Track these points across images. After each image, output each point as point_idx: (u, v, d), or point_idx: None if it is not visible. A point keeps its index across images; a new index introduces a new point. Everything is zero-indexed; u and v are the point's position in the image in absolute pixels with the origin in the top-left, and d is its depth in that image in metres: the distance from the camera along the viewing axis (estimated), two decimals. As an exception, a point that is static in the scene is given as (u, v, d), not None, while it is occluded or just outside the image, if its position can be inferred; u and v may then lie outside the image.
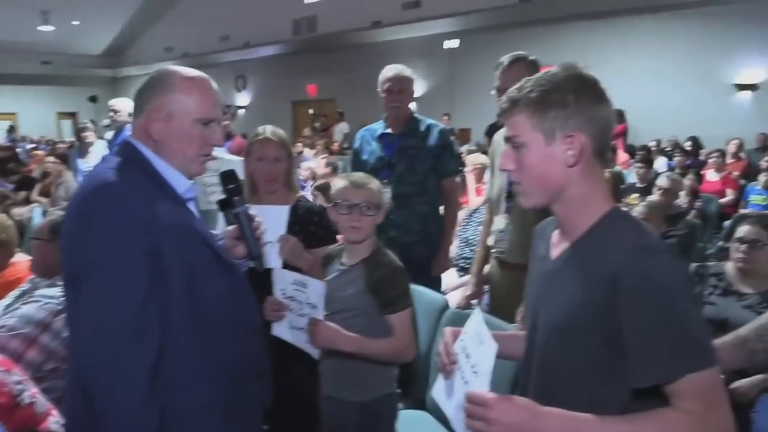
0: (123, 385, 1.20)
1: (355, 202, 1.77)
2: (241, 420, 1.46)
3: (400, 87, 2.95)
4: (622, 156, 8.34)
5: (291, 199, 2.19)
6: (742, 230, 2.56)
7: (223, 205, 1.58)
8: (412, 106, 3.09)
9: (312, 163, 6.97)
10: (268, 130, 2.19)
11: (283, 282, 1.80)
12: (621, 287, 1.00)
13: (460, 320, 2.44)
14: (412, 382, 2.58)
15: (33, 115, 19.80)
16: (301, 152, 10.04)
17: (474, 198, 5.11)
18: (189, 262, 1.33)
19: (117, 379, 1.20)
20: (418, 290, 2.79)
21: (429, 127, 3.02)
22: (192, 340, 1.34)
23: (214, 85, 1.47)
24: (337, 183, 1.85)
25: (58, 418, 1.64)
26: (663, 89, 9.82)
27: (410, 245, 1.90)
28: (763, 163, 6.45)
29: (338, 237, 2.03)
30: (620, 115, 9.56)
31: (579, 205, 1.11)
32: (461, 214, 4.24)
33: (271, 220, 1.96)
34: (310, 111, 16.09)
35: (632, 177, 6.00)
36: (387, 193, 1.88)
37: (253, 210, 1.70)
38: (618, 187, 5.60)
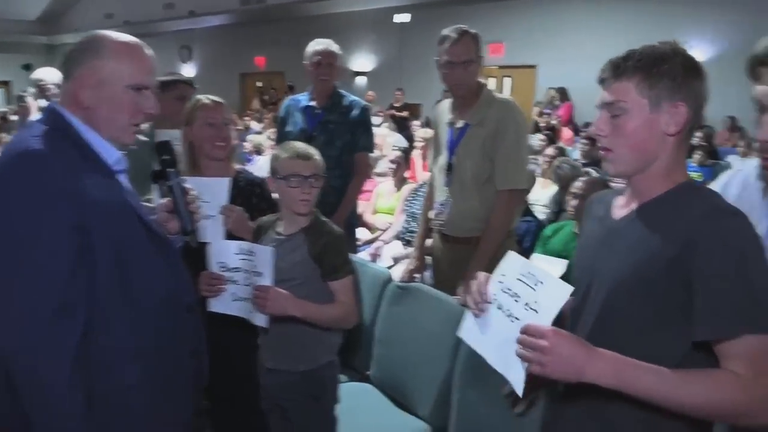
0: (47, 363, 1.17)
1: (305, 175, 1.77)
2: (176, 398, 1.44)
3: (329, 61, 3.06)
4: (566, 133, 8.54)
5: (232, 171, 2.15)
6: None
7: (157, 176, 1.54)
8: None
9: (259, 137, 6.84)
10: (209, 96, 2.15)
11: (224, 254, 1.77)
12: (697, 244, 1.02)
13: (402, 294, 2.48)
14: (356, 354, 2.61)
15: (-38, 83, 18.68)
16: (248, 126, 9.86)
17: (421, 173, 5.14)
18: (118, 238, 1.29)
19: (41, 358, 1.16)
20: (363, 264, 2.81)
21: (351, 103, 3.15)
22: (122, 317, 1.30)
23: (149, 50, 1.41)
24: (281, 154, 1.82)
25: None
26: (607, 68, 9.98)
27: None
28: (696, 141, 6.70)
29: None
30: (563, 93, 9.77)
31: (661, 174, 1.15)
32: (407, 189, 4.27)
33: (212, 192, 1.93)
34: (259, 84, 15.78)
35: (576, 154, 6.15)
36: None
37: (192, 183, 1.66)
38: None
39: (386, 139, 6.64)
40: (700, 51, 9.48)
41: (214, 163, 2.11)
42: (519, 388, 1.10)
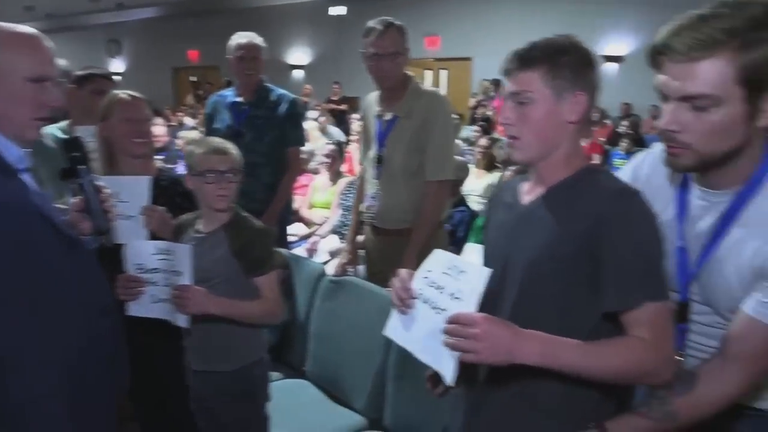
0: None
1: (222, 170, 1.74)
2: (94, 406, 1.39)
3: (253, 54, 3.01)
4: (502, 124, 8.70)
5: (153, 170, 2.08)
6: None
7: (66, 175, 1.47)
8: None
9: (192, 133, 6.66)
10: (127, 91, 2.09)
11: (141, 255, 1.71)
12: (603, 222, 1.11)
13: (336, 288, 2.47)
14: (291, 350, 2.59)
15: None
16: (181, 122, 9.61)
17: (358, 167, 5.13)
18: (22, 241, 1.22)
19: None
20: (297, 259, 2.79)
21: (279, 97, 3.10)
22: (29, 324, 1.24)
23: (47, 41, 1.34)
24: (196, 150, 1.78)
25: None
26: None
27: (255, 213, 1.96)
28: (623, 130, 6.98)
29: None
30: (498, 85, 9.98)
31: (563, 160, 1.22)
32: (343, 183, 4.26)
33: (132, 192, 1.86)
34: (192, 78, 15.40)
35: (510, 144, 6.28)
36: None
37: (110, 182, 1.61)
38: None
39: (312, 132, 6.56)
40: (626, 44, 9.89)
41: (133, 161, 2.04)
42: (450, 378, 1.10)
